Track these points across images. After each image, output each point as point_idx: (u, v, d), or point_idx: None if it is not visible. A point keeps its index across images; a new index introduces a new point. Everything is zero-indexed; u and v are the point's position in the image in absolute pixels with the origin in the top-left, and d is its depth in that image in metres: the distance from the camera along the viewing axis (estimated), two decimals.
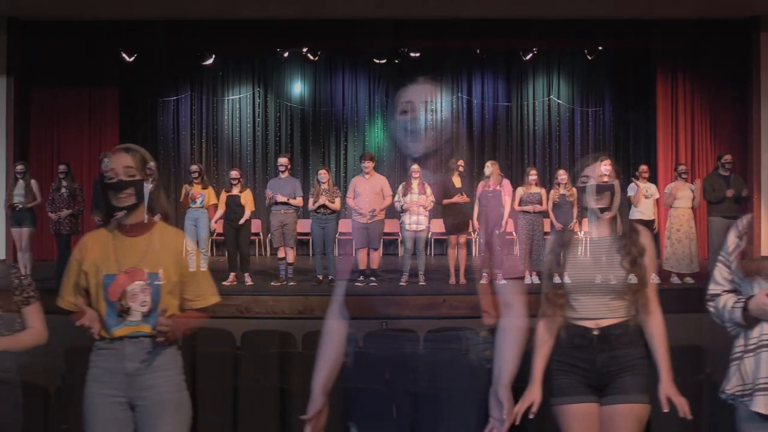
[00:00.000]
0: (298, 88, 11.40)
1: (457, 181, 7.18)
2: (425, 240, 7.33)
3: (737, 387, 2.12)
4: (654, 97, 10.14)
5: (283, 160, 7.47)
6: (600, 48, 9.97)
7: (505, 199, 7.22)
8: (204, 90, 11.29)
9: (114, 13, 8.99)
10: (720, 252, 2.27)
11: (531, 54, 10.33)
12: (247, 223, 7.46)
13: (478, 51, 10.51)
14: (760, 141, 9.38)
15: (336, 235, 7.77)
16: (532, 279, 6.90)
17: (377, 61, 10.67)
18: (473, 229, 7.29)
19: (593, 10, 8.90)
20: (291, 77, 11.37)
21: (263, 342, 4.60)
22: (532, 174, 7.40)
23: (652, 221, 7.44)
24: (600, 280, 2.37)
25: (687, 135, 10.07)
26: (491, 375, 1.81)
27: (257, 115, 11.38)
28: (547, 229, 7.45)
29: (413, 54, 10.32)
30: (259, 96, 11.39)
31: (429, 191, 7.16)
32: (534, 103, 11.34)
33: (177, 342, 2.26)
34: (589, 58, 10.19)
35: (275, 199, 7.18)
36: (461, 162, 7.86)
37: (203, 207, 7.36)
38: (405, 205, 7.05)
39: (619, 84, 10.88)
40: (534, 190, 7.29)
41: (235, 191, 7.37)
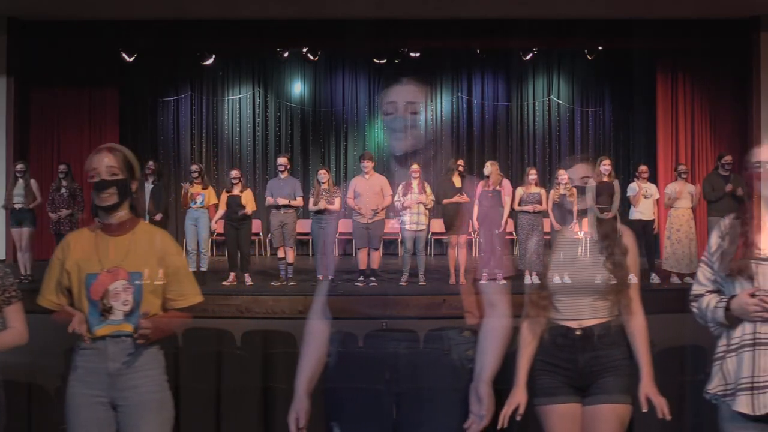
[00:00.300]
0: (298, 88, 11.41)
1: (457, 181, 7.18)
2: (425, 240, 7.33)
3: (719, 387, 2.12)
4: (654, 97, 10.14)
5: (283, 160, 7.46)
6: (600, 48, 9.98)
7: (505, 199, 7.22)
8: (204, 90, 11.29)
9: (114, 13, 9.00)
10: (704, 253, 2.28)
11: (531, 54, 10.34)
12: (248, 223, 7.46)
13: (478, 51, 10.52)
14: (760, 141, 9.32)
15: (336, 235, 7.76)
16: (532, 279, 6.90)
17: (377, 61, 10.67)
18: (473, 229, 7.28)
19: (593, 10, 8.92)
20: (291, 77, 11.37)
21: (263, 342, 4.59)
22: (531, 174, 7.40)
23: (652, 221, 7.44)
24: (582, 280, 2.38)
25: (687, 135, 10.07)
26: (473, 374, 1.81)
27: (257, 115, 11.38)
28: (547, 229, 7.44)
29: (413, 54, 10.33)
30: (259, 96, 11.39)
31: (429, 191, 7.16)
32: (534, 103, 11.34)
33: (159, 342, 2.26)
34: (589, 58, 10.20)
35: (277, 204, 7.18)
36: (461, 162, 7.88)
37: (204, 207, 7.37)
38: (405, 203, 7.04)
39: (619, 84, 10.88)
40: (534, 190, 7.29)
41: (236, 191, 7.37)
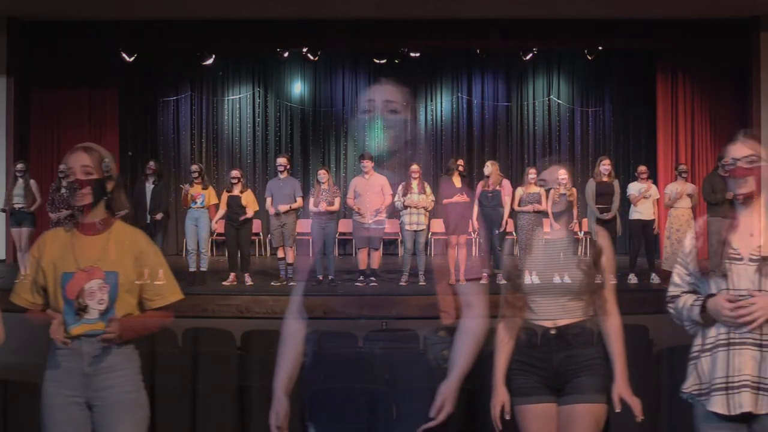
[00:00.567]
0: (298, 88, 11.41)
1: (457, 181, 7.18)
2: (425, 240, 7.33)
3: (694, 386, 2.13)
4: (654, 97, 10.14)
5: (282, 160, 7.46)
6: (600, 48, 9.98)
7: (505, 200, 7.22)
8: (204, 90, 11.29)
9: (114, 13, 9.00)
10: (679, 254, 2.30)
11: (531, 54, 10.33)
12: (248, 224, 7.46)
13: (478, 51, 10.52)
14: (760, 141, 9.37)
15: (336, 236, 7.77)
16: (532, 279, 6.88)
17: (377, 61, 10.67)
18: (473, 229, 7.28)
19: (593, 10, 8.92)
20: (291, 77, 11.37)
21: (263, 342, 4.59)
22: (531, 173, 7.39)
23: (652, 221, 7.44)
24: (557, 280, 2.40)
25: (687, 135, 10.07)
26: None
27: (257, 115, 11.38)
28: (547, 229, 7.43)
29: (413, 54, 10.33)
30: (259, 96, 11.39)
31: (429, 191, 7.16)
32: (534, 103, 11.34)
33: (135, 342, 2.27)
34: (589, 58, 10.19)
35: (279, 211, 7.17)
36: (461, 162, 7.88)
37: (204, 207, 7.37)
38: (407, 202, 7.04)
39: (619, 84, 10.88)
40: (533, 189, 7.28)
41: (236, 191, 7.37)
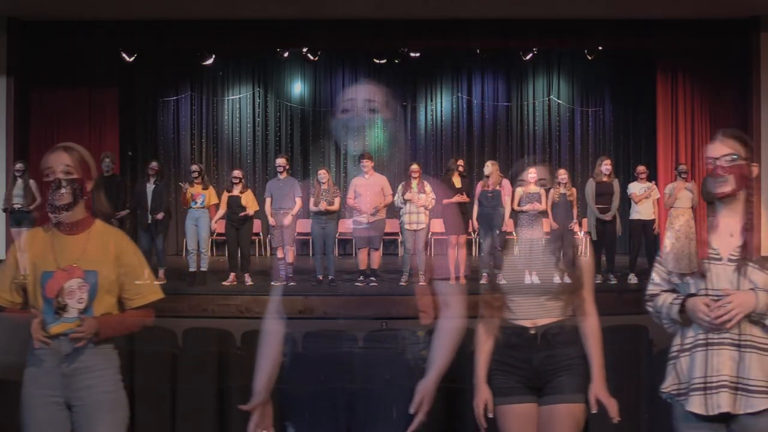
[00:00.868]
0: (298, 88, 11.41)
1: (457, 181, 7.18)
2: (425, 239, 7.32)
3: (673, 386, 2.13)
4: (654, 97, 10.13)
5: (281, 160, 7.45)
6: (600, 48, 9.97)
7: (505, 200, 7.22)
8: (204, 90, 11.29)
9: (114, 13, 8.99)
10: (657, 253, 2.32)
11: (531, 54, 10.32)
12: (249, 224, 7.46)
13: (478, 51, 10.52)
14: (760, 141, 9.38)
15: (336, 236, 7.77)
16: (532, 279, 6.88)
17: (377, 61, 10.67)
18: (473, 229, 7.28)
19: (593, 10, 8.91)
20: (291, 77, 11.37)
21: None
22: (531, 173, 7.39)
23: (652, 221, 7.44)
24: (535, 280, 2.42)
25: (687, 135, 10.07)
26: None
27: (257, 115, 11.38)
28: (547, 229, 7.43)
29: (413, 54, 10.33)
30: (259, 96, 11.39)
31: (429, 189, 7.16)
32: (534, 103, 11.34)
33: (113, 341, 2.27)
34: (589, 58, 10.19)
35: (282, 223, 7.16)
36: (461, 162, 7.88)
37: (204, 207, 7.37)
38: (407, 195, 7.04)
39: (619, 84, 10.89)
40: (533, 189, 7.27)
41: (236, 191, 7.37)
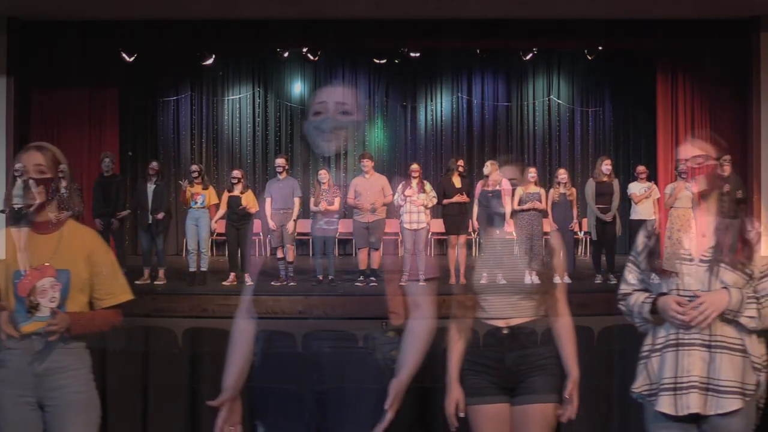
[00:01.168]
0: (298, 88, 11.40)
1: (457, 181, 7.18)
2: (425, 239, 7.32)
3: (644, 386, 2.13)
4: (654, 97, 10.13)
5: (281, 161, 7.43)
6: (600, 48, 9.97)
7: (505, 200, 7.21)
8: (204, 90, 11.29)
9: (114, 13, 8.98)
10: (630, 252, 2.33)
11: (531, 54, 10.32)
12: (249, 224, 7.46)
13: (478, 51, 10.52)
14: (760, 141, 9.37)
15: (336, 236, 7.77)
16: (532, 279, 6.86)
17: (377, 61, 10.67)
18: (473, 229, 7.28)
19: (593, 10, 8.90)
20: (291, 77, 11.37)
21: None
22: (531, 172, 7.40)
23: (652, 221, 7.44)
24: (508, 280, 2.41)
25: (687, 135, 9.99)
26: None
27: (257, 115, 11.38)
28: (547, 229, 7.44)
29: (413, 54, 10.33)
30: (259, 96, 11.39)
31: (429, 188, 7.16)
32: (534, 103, 11.34)
33: (85, 341, 2.27)
34: (589, 58, 10.19)
35: (287, 231, 7.15)
36: (461, 162, 7.88)
37: (204, 207, 7.37)
38: (406, 192, 7.04)
39: (619, 84, 10.89)
40: (533, 189, 7.28)
41: (237, 191, 7.37)
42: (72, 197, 2.33)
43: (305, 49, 10.18)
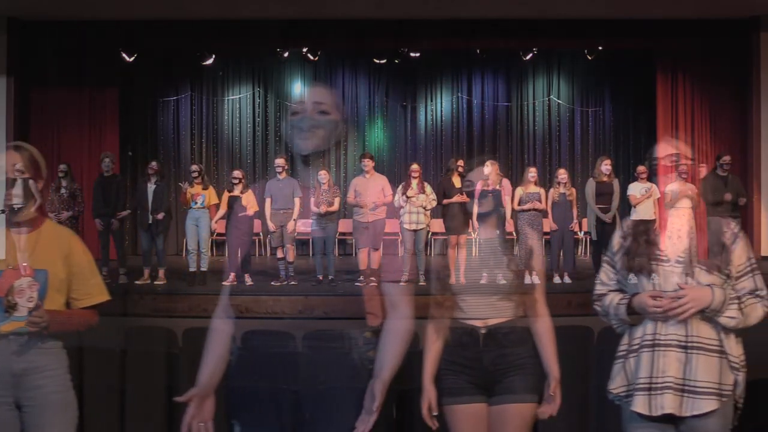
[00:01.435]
0: (298, 88, 11.40)
1: (457, 181, 7.18)
2: (425, 239, 7.33)
3: (621, 387, 2.13)
4: (654, 97, 10.14)
5: (280, 161, 7.42)
6: (600, 48, 9.98)
7: (505, 200, 7.22)
8: (204, 90, 11.29)
9: (114, 13, 9.00)
10: (606, 253, 2.32)
11: (531, 54, 10.33)
12: (249, 224, 7.46)
13: (478, 51, 10.52)
14: (760, 141, 9.38)
15: (336, 236, 7.77)
16: (532, 279, 6.87)
17: (377, 61, 10.67)
18: (473, 229, 7.28)
19: (593, 10, 8.91)
20: (291, 77, 11.37)
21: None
22: (531, 172, 7.40)
23: (652, 221, 7.44)
24: (486, 280, 2.41)
25: (687, 135, 10.05)
26: (373, 375, 1.83)
27: (257, 115, 11.38)
28: (547, 229, 7.44)
29: (413, 54, 10.34)
30: (259, 96, 11.39)
31: (429, 190, 7.16)
32: (534, 103, 11.34)
33: (62, 341, 2.27)
34: (589, 58, 10.19)
35: (286, 224, 7.15)
36: (461, 162, 7.88)
37: (204, 207, 7.37)
38: (408, 192, 7.04)
39: (619, 84, 10.89)
40: (532, 189, 7.28)
41: (237, 191, 7.37)
42: (47, 197, 2.35)
43: (305, 49, 10.19)
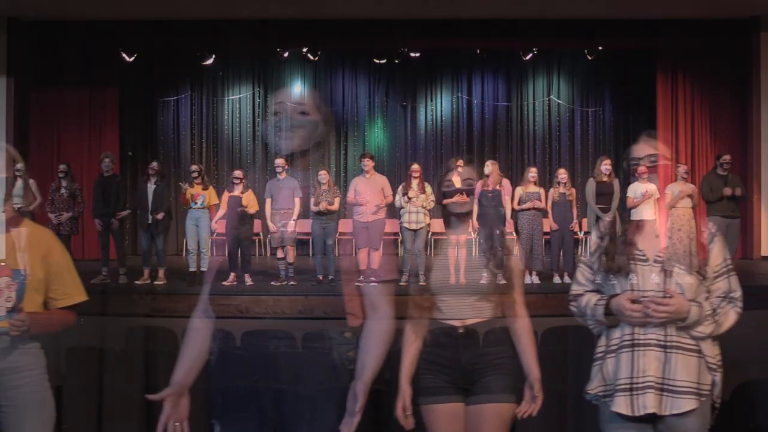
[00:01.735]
0: (298, 88, 11.40)
1: (457, 182, 7.18)
2: (425, 239, 7.32)
3: (599, 387, 2.13)
4: (654, 97, 10.14)
5: (280, 161, 7.39)
6: (600, 48, 9.99)
7: (505, 199, 7.21)
8: (204, 90, 11.29)
9: (114, 13, 9.01)
10: (582, 253, 2.32)
11: (531, 54, 10.34)
12: (249, 224, 7.46)
13: (478, 51, 10.53)
14: (760, 141, 9.39)
15: (336, 235, 7.76)
16: (532, 279, 6.89)
17: (377, 61, 10.68)
18: (473, 229, 7.27)
19: (593, 10, 8.92)
20: (291, 77, 11.37)
21: (263, 342, 4.58)
22: (531, 172, 7.40)
23: (652, 221, 7.44)
24: (464, 281, 2.41)
25: (687, 135, 10.07)
26: (354, 375, 1.83)
27: (257, 115, 11.39)
28: (547, 229, 7.44)
29: (413, 54, 10.34)
30: (259, 96, 11.39)
31: (429, 190, 7.16)
32: (534, 103, 11.34)
33: (40, 341, 2.27)
34: (589, 58, 10.20)
35: (285, 226, 7.14)
36: (461, 162, 7.88)
37: (204, 207, 7.37)
38: (409, 192, 7.04)
39: (619, 84, 10.89)
40: (532, 189, 7.28)
41: (237, 191, 7.37)
42: (27, 197, 2.36)
43: (305, 49, 10.19)
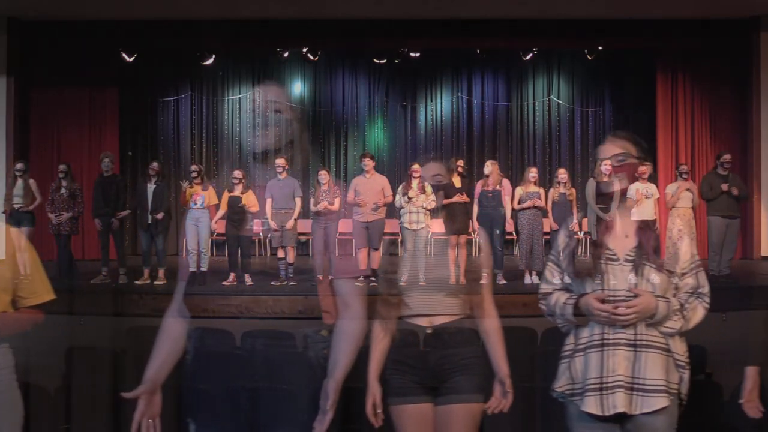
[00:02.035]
0: (298, 88, 11.40)
1: (457, 181, 7.17)
2: (425, 239, 7.32)
3: (567, 386, 2.12)
4: (654, 97, 10.14)
5: (280, 161, 7.37)
6: (600, 48, 9.99)
7: (505, 199, 7.21)
8: (204, 90, 11.29)
9: (114, 13, 9.01)
10: (551, 252, 2.31)
11: (531, 54, 10.34)
12: (249, 224, 7.45)
13: (478, 51, 10.53)
14: (760, 141, 9.39)
15: (336, 236, 7.76)
16: (532, 279, 6.89)
17: (377, 61, 10.68)
18: (473, 229, 7.28)
19: (593, 10, 8.92)
20: (291, 77, 11.36)
21: (263, 342, 4.59)
22: (531, 172, 7.40)
23: (653, 221, 7.44)
24: (433, 277, 2.40)
25: (687, 135, 10.07)
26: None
27: (257, 115, 11.34)
28: (547, 229, 7.44)
29: (413, 54, 10.34)
30: (259, 96, 11.34)
31: (429, 190, 7.16)
32: (534, 103, 11.34)
33: (8, 341, 2.26)
34: (589, 58, 10.20)
35: (285, 225, 7.15)
36: (461, 162, 7.88)
37: (204, 208, 7.37)
38: (409, 192, 7.04)
39: (619, 84, 10.89)
40: (532, 189, 7.28)
41: (237, 192, 7.37)
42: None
43: (305, 49, 10.20)
